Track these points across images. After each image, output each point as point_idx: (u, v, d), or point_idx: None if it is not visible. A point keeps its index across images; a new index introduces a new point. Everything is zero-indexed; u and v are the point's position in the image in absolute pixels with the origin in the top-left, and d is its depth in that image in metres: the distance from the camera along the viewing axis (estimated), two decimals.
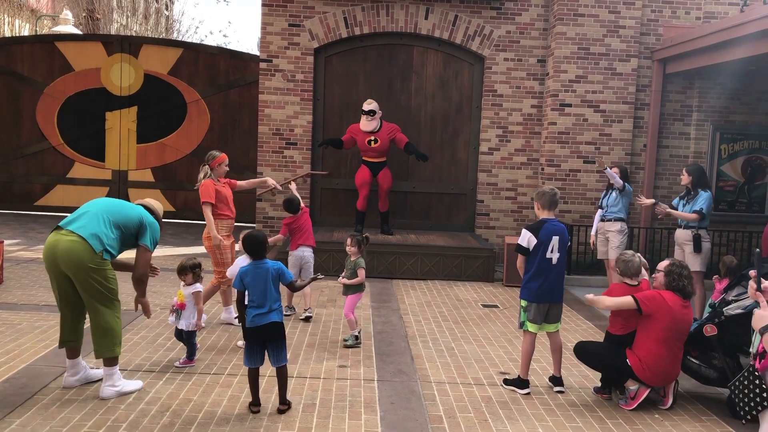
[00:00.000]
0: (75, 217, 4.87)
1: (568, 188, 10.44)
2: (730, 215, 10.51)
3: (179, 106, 13.24)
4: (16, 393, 4.81)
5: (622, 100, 10.42)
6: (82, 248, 4.67)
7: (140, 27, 28.87)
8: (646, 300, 5.03)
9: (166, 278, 8.62)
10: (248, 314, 4.73)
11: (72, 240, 4.68)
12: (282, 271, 4.82)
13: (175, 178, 13.35)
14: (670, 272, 5.13)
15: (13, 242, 10.57)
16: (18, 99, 13.41)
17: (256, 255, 4.86)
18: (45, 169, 13.44)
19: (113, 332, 4.85)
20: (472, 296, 8.69)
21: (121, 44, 13.34)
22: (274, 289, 4.77)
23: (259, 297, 4.72)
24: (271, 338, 4.72)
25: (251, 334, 4.72)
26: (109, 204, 5.00)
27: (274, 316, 4.72)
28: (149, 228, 4.97)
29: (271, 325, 4.71)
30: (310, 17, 10.69)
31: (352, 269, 6.34)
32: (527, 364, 5.39)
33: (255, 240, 4.90)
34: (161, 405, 4.76)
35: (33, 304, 7.22)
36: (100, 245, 4.72)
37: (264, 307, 4.70)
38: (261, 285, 4.73)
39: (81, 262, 4.67)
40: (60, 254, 4.69)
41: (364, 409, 4.86)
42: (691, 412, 5.13)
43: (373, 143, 9.93)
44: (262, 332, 4.70)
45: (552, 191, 5.40)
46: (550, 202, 5.38)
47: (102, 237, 4.75)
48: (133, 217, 4.94)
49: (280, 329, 4.76)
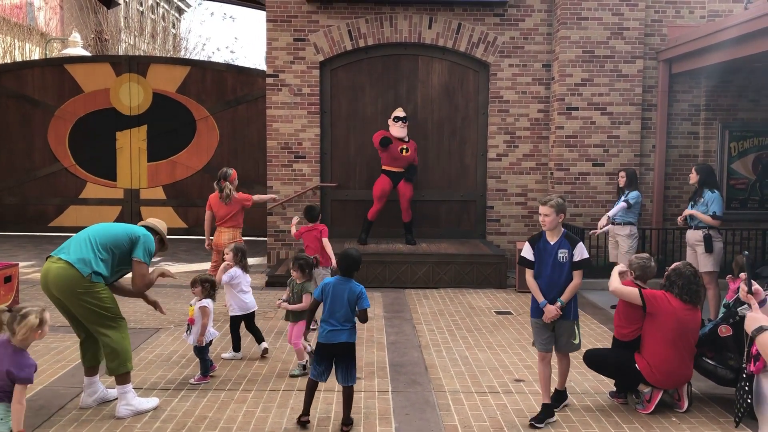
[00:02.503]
0: (65, 244, 4.97)
1: (578, 192, 10.42)
2: (742, 213, 10.43)
3: (188, 124, 13.35)
4: (34, 414, 4.86)
5: (628, 101, 10.40)
6: (69, 273, 4.75)
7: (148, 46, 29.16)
8: (651, 297, 5.05)
9: (180, 295, 8.68)
10: (321, 329, 4.79)
11: (60, 266, 4.78)
12: (362, 297, 4.79)
13: (186, 195, 13.45)
14: (667, 276, 5.16)
15: (29, 264, 10.67)
16: (29, 122, 13.57)
17: (346, 273, 4.88)
18: (58, 191, 13.58)
19: (122, 351, 4.91)
20: (485, 303, 8.68)
21: (129, 64, 13.48)
22: (350, 310, 4.77)
23: (334, 314, 4.75)
24: (342, 357, 4.75)
25: (321, 349, 4.77)
26: (98, 228, 5.08)
27: (344, 336, 4.74)
28: (140, 240, 5.00)
29: (341, 345, 4.74)
30: (315, 31, 10.77)
31: (298, 293, 5.85)
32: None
33: (351, 259, 4.91)
34: (177, 423, 4.79)
35: (49, 326, 7.26)
36: (88, 269, 4.79)
37: (336, 324, 4.73)
38: (339, 302, 4.75)
39: (70, 288, 4.76)
40: (51, 281, 4.81)
41: (378, 421, 4.86)
42: (709, 414, 5.09)
43: (405, 152, 9.98)
44: (331, 350, 4.74)
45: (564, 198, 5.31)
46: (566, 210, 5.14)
47: (90, 260, 4.81)
48: (121, 236, 4.99)
49: (350, 349, 4.78)
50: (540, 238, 5.01)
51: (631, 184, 8.40)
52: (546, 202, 4.90)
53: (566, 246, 4.89)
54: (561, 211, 4.90)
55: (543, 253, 4.94)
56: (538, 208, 5.00)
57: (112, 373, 4.93)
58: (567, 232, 4.96)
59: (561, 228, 4.94)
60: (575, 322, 5.00)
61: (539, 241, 4.99)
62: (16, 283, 8.14)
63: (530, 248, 5.00)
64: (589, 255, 4.99)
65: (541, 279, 4.95)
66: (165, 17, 35.30)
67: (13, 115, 13.60)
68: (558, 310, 4.86)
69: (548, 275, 4.91)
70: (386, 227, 10.69)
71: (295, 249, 10.91)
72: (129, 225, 5.21)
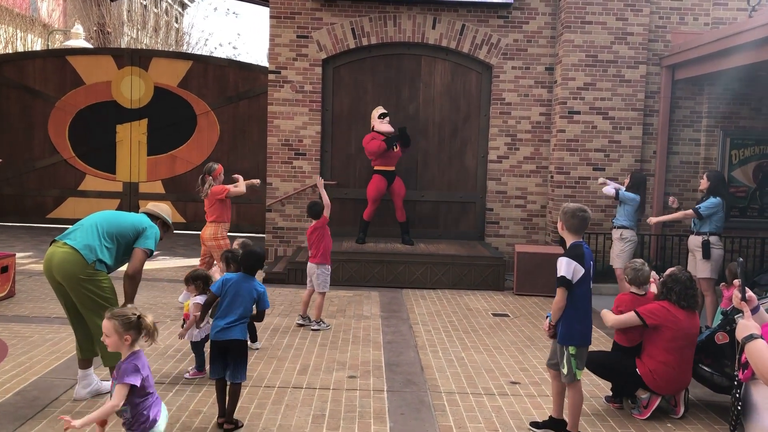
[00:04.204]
0: (71, 230, 4.97)
1: (577, 196, 10.40)
2: (742, 221, 10.43)
3: (189, 118, 13.32)
4: (28, 405, 4.84)
5: (631, 107, 10.39)
6: (74, 259, 4.76)
7: (150, 40, 29.10)
8: (649, 314, 5.02)
9: (176, 290, 8.65)
10: (213, 326, 4.73)
11: (65, 251, 4.79)
12: (264, 297, 4.77)
13: (185, 189, 13.41)
14: (663, 282, 5.14)
15: (25, 255, 10.65)
16: (30, 113, 13.54)
17: (250, 271, 4.84)
18: (57, 182, 13.55)
19: None
20: (483, 305, 8.66)
21: (131, 57, 13.45)
22: (249, 309, 4.74)
23: (231, 311, 4.68)
24: (234, 354, 4.67)
25: (215, 347, 4.71)
26: (104, 216, 5.07)
27: (236, 333, 4.66)
28: (145, 232, 4.99)
29: (235, 342, 4.67)
30: (318, 29, 10.75)
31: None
32: (579, 416, 4.62)
33: (255, 256, 4.89)
34: (171, 417, 4.76)
35: (44, 317, 7.27)
36: (93, 256, 4.80)
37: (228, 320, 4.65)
38: (240, 300, 4.70)
39: (73, 273, 4.76)
40: (54, 266, 4.81)
41: (373, 420, 4.84)
42: (704, 420, 5.08)
43: (395, 148, 9.94)
44: (224, 346, 4.67)
45: (585, 212, 4.53)
46: (582, 225, 4.55)
47: (95, 248, 4.82)
48: (126, 227, 4.97)
49: (242, 346, 4.70)
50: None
51: (632, 187, 8.40)
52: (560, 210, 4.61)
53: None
54: (562, 220, 4.57)
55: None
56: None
57: (108, 364, 4.91)
58: (571, 245, 4.55)
59: (570, 237, 4.56)
60: (565, 349, 4.47)
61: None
62: (13, 274, 8.12)
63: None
64: (570, 271, 4.41)
65: None
66: (168, 11, 35.25)
67: (14, 105, 13.57)
68: (547, 326, 4.59)
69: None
70: (385, 226, 10.67)
71: (293, 246, 10.91)
72: (134, 215, 5.17)
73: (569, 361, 4.45)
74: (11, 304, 7.74)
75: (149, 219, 5.16)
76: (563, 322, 4.45)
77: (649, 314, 5.01)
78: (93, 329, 4.86)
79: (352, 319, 7.70)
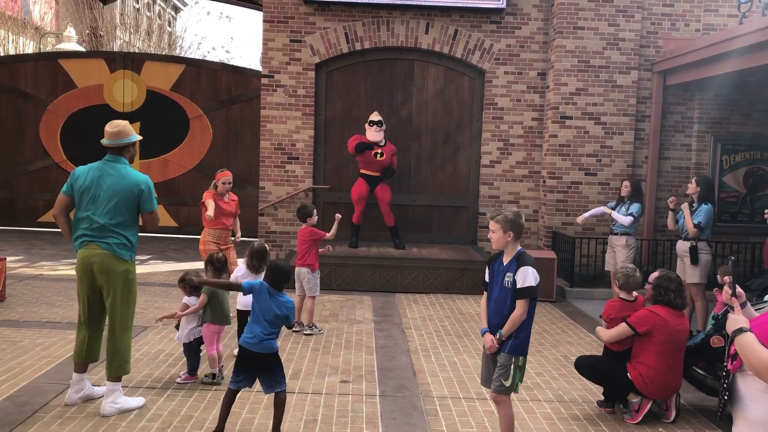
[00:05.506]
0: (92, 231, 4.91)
1: (569, 200, 10.45)
2: (732, 226, 10.49)
3: (182, 122, 13.30)
4: (18, 411, 4.80)
5: (622, 112, 10.44)
6: (113, 260, 4.88)
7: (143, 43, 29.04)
8: (640, 321, 5.05)
9: (169, 294, 8.63)
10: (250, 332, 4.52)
11: (104, 254, 4.88)
12: (288, 317, 4.56)
13: (178, 193, 13.40)
14: (657, 286, 5.16)
15: (16, 259, 10.59)
16: (21, 116, 13.49)
17: (278, 286, 4.61)
18: (48, 186, 13.48)
19: (125, 353, 4.95)
20: (475, 309, 8.67)
21: (124, 61, 13.43)
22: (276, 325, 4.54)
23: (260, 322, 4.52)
24: (264, 366, 4.49)
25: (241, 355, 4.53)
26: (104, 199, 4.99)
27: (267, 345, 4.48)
28: (145, 192, 5.04)
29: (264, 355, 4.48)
30: (311, 33, 10.76)
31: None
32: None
33: (282, 271, 4.63)
34: (162, 422, 4.75)
35: (35, 321, 7.22)
36: (127, 252, 4.94)
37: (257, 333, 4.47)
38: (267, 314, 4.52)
39: (113, 270, 4.88)
40: (96, 267, 4.88)
41: (365, 425, 4.84)
42: (695, 425, 5.09)
43: (379, 156, 9.94)
44: (253, 357, 4.48)
45: (520, 214, 4.30)
46: (521, 227, 4.28)
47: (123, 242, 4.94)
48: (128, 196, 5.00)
49: (273, 358, 4.52)
50: (497, 257, 4.38)
51: (634, 195, 8.39)
52: (493, 217, 4.27)
53: (513, 269, 4.20)
54: (510, 229, 4.19)
55: (495, 274, 4.31)
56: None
57: (111, 374, 4.89)
58: (521, 253, 4.25)
59: (517, 247, 4.26)
60: (514, 359, 4.23)
61: (496, 261, 4.36)
62: (3, 278, 8.08)
63: (487, 268, 4.42)
64: (537, 281, 4.18)
65: (489, 302, 4.34)
66: (161, 15, 35.21)
67: (5, 108, 13.52)
68: (494, 342, 4.23)
69: (495, 299, 4.28)
70: (378, 231, 10.66)
71: (285, 250, 10.89)
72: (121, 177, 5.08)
73: (516, 372, 4.25)
74: (1, 309, 7.69)
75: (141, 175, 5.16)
76: (517, 333, 4.21)
77: (640, 322, 5.05)
78: (110, 339, 4.91)
79: (345, 323, 7.69)
